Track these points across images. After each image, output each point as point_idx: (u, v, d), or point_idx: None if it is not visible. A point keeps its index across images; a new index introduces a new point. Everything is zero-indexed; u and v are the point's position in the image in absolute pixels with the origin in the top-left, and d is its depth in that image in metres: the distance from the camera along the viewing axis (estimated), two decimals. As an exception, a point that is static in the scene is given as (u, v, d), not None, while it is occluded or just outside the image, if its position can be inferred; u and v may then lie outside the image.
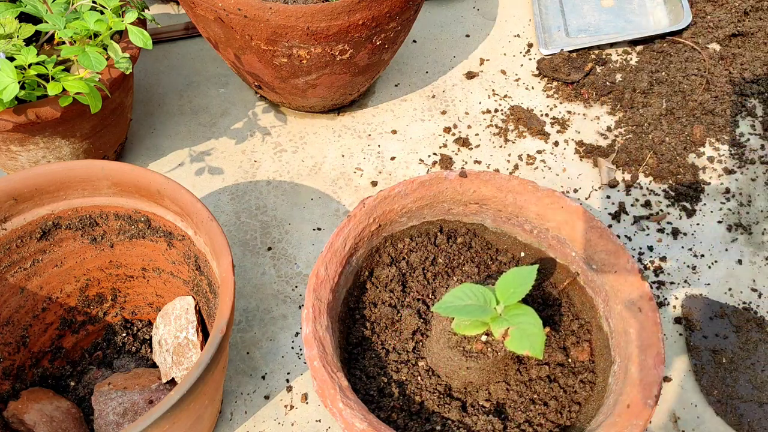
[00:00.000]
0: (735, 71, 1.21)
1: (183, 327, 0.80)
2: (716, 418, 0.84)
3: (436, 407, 0.70)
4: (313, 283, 0.71)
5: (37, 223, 0.77)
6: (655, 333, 0.66)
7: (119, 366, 0.87)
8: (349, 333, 0.76)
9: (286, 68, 0.98)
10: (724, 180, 1.09)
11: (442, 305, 0.66)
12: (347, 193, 1.08)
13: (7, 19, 0.88)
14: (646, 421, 0.60)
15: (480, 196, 0.81)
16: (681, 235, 1.02)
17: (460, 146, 1.14)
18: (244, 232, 1.03)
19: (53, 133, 0.91)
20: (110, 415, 0.77)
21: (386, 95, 1.22)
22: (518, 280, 0.66)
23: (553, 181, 1.09)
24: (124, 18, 0.87)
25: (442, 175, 0.80)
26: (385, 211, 0.78)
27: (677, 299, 0.95)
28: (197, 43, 1.30)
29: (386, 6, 0.92)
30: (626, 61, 1.26)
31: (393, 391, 0.71)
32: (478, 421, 0.68)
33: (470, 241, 0.83)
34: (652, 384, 0.62)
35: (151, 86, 1.23)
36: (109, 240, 0.82)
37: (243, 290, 0.97)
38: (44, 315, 0.82)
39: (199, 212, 0.71)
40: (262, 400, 0.86)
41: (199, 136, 1.15)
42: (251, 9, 0.87)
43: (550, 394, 0.71)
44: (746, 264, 0.99)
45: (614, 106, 1.19)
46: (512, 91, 1.23)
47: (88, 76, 0.86)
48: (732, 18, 1.28)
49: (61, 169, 0.75)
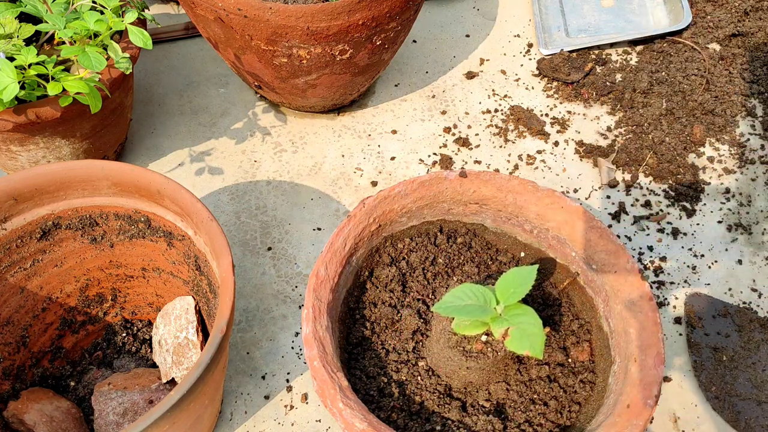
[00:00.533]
0: (735, 71, 1.21)
1: (183, 327, 0.80)
2: (716, 417, 0.84)
3: (436, 407, 0.70)
4: (313, 283, 0.71)
5: (37, 223, 0.77)
6: (655, 333, 0.66)
7: (119, 366, 0.87)
8: (349, 333, 0.76)
9: (286, 68, 0.98)
10: (724, 180, 1.09)
11: (442, 305, 0.66)
12: (347, 193, 1.08)
13: (7, 19, 0.88)
14: (646, 421, 0.60)
15: (480, 196, 0.81)
16: (681, 235, 1.02)
17: (460, 146, 1.14)
18: (244, 232, 1.03)
19: (53, 133, 0.91)
20: (110, 415, 0.77)
21: (386, 95, 1.22)
22: (518, 280, 0.66)
23: (553, 181, 1.09)
24: (124, 18, 0.87)
25: (442, 175, 0.80)
26: (385, 211, 0.78)
27: (677, 299, 0.95)
28: (197, 43, 1.30)
29: (386, 6, 0.92)
30: (626, 61, 1.26)
31: (393, 391, 0.71)
32: (478, 421, 0.68)
33: (470, 241, 0.83)
34: (652, 384, 0.62)
35: (151, 86, 1.23)
36: (109, 240, 0.82)
37: (243, 290, 0.97)
38: (44, 315, 0.82)
39: (199, 212, 0.71)
40: (262, 400, 0.86)
41: (199, 136, 1.15)
42: (251, 9, 0.87)
43: (550, 394, 0.71)
44: (746, 264, 0.99)
45: (614, 106, 1.19)
46: (512, 91, 1.23)
47: (88, 76, 0.86)
48: (732, 18, 1.28)
49: (61, 169, 0.75)
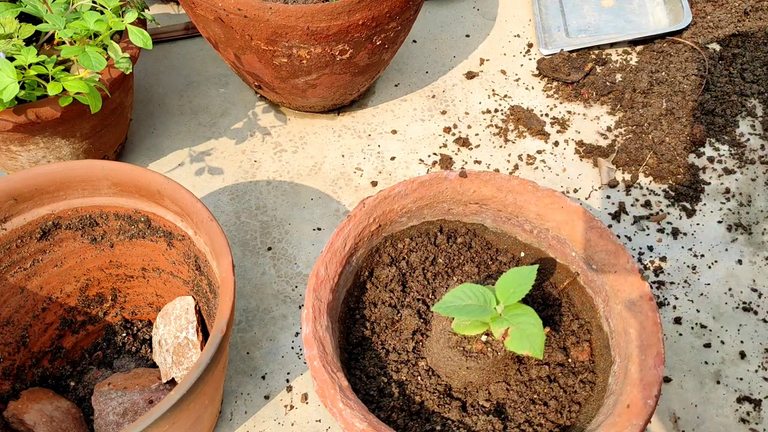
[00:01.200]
0: (735, 71, 1.21)
1: (183, 327, 0.80)
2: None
3: (436, 407, 0.70)
4: (313, 283, 0.71)
5: (37, 223, 0.77)
6: (655, 333, 0.66)
7: (119, 366, 0.87)
8: (349, 333, 0.76)
9: (286, 68, 0.98)
10: (724, 180, 1.09)
11: (442, 305, 0.66)
12: (347, 193, 1.08)
13: (7, 19, 0.88)
14: (646, 420, 0.60)
15: (480, 196, 0.81)
16: (681, 235, 1.02)
17: (460, 146, 1.14)
18: (244, 232, 1.03)
19: (53, 133, 0.91)
20: (110, 415, 0.77)
21: (386, 95, 1.22)
22: (518, 280, 0.66)
23: (553, 181, 1.09)
24: (124, 18, 0.87)
25: (442, 175, 0.80)
26: (385, 211, 0.78)
27: (677, 299, 0.95)
28: (197, 43, 1.30)
29: (386, 6, 0.92)
30: (626, 61, 1.26)
31: (393, 391, 0.71)
32: (478, 421, 0.68)
33: (470, 241, 0.83)
34: (652, 384, 0.62)
35: (151, 86, 1.23)
36: (109, 240, 0.82)
37: (243, 290, 0.97)
38: (44, 315, 0.82)
39: (199, 212, 0.71)
40: (262, 400, 0.86)
41: (199, 136, 1.15)
42: (251, 9, 0.87)
43: (550, 394, 0.71)
44: (746, 264, 0.99)
45: (614, 106, 1.19)
46: (512, 91, 1.23)
47: (88, 76, 0.86)
48: (732, 18, 1.28)
49: (61, 169, 0.75)
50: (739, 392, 0.87)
